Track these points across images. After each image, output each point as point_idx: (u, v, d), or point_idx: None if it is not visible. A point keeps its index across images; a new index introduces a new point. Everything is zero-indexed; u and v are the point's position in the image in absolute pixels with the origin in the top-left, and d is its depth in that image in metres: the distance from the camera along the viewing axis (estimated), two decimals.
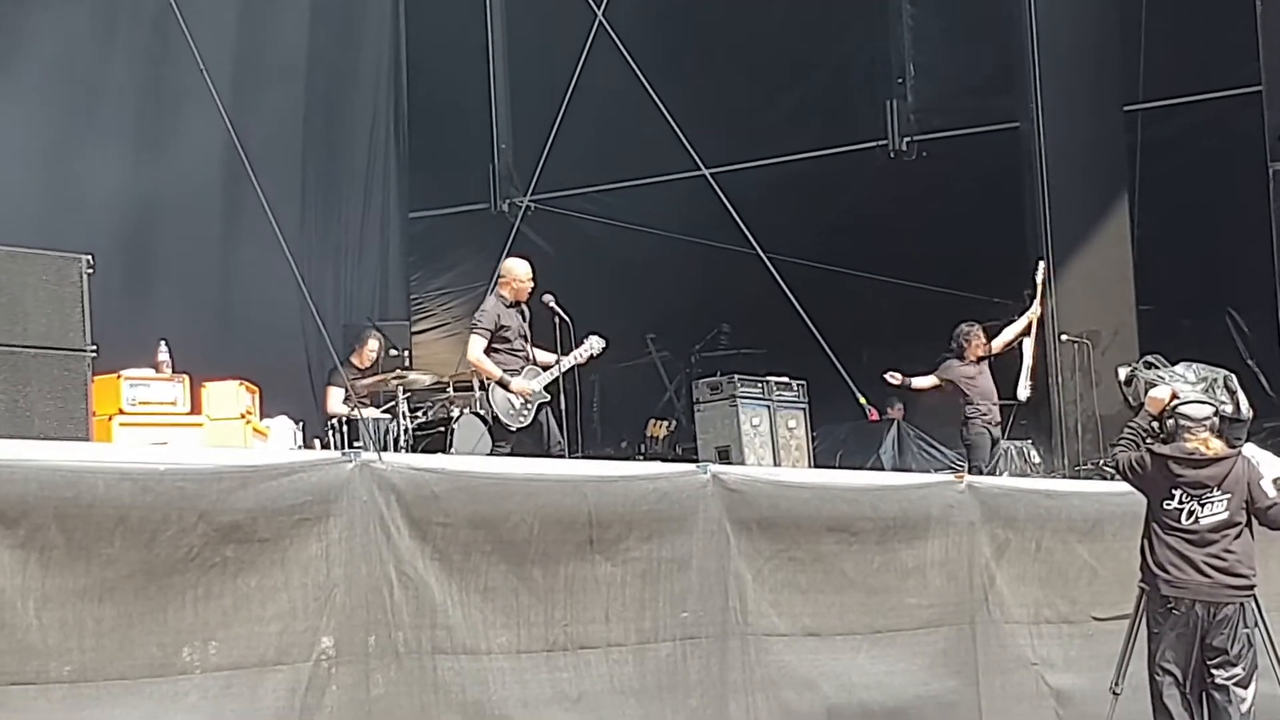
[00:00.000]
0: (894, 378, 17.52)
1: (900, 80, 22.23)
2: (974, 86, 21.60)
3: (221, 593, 7.84)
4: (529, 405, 14.79)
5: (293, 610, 8.11)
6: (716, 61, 23.02)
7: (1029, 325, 17.79)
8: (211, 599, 7.80)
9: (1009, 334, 17.71)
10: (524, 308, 15.06)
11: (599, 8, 22.61)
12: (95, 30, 19.37)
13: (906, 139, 22.13)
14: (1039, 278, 18.07)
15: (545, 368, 14.95)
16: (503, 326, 14.82)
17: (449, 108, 24.24)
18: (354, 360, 17.68)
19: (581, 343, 15.18)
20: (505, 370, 14.76)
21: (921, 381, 17.54)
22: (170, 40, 16.87)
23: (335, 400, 16.95)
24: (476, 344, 14.77)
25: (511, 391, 14.71)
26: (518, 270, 15.12)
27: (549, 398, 14.95)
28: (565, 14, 23.14)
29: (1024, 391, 17.61)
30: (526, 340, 14.96)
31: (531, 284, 15.07)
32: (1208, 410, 10.30)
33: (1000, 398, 17.42)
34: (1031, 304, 18.01)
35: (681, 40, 23.10)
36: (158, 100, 19.49)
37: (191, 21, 15.55)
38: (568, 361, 15.03)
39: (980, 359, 17.39)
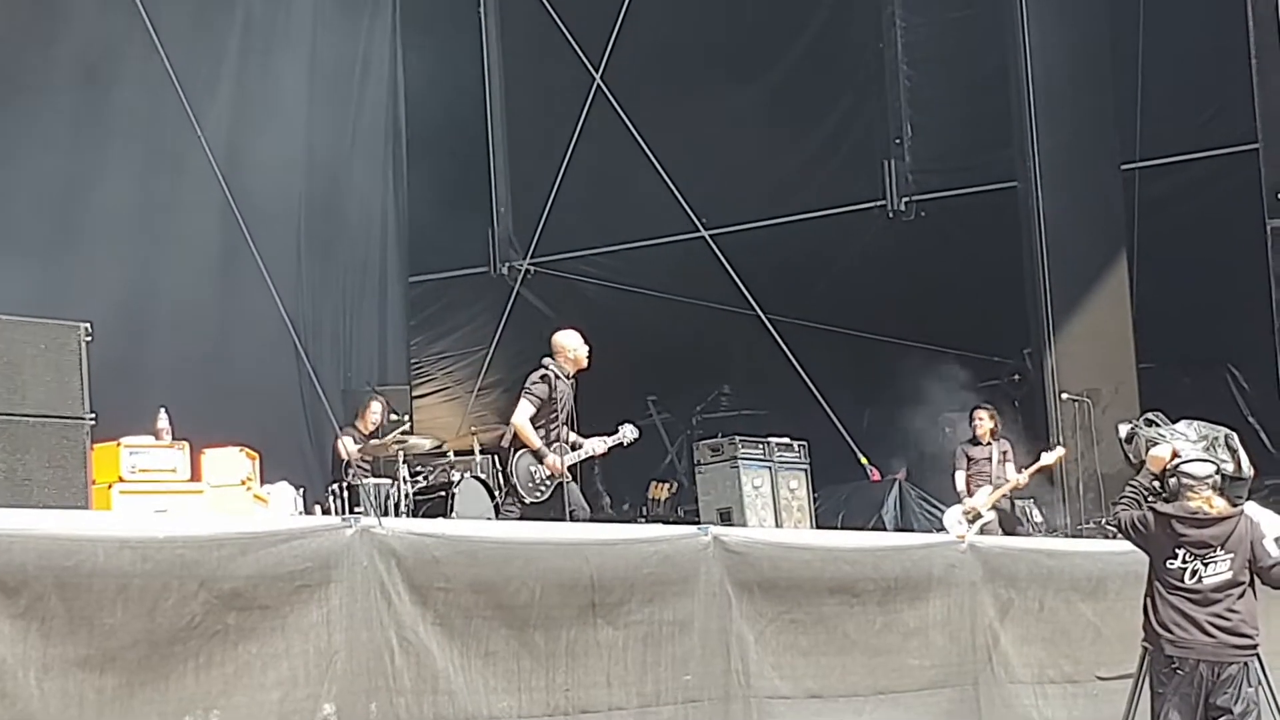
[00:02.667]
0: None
1: (898, 140, 22.23)
2: (971, 146, 21.60)
3: (223, 660, 7.82)
4: (548, 483, 14.46)
5: (294, 677, 8.08)
6: (714, 123, 23.03)
7: (1040, 467, 17.96)
8: (213, 667, 7.79)
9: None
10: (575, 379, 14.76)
11: (596, 70, 22.68)
12: (92, 92, 19.39)
13: (905, 199, 22.12)
14: (1050, 461, 18.06)
15: (574, 447, 14.62)
16: (552, 399, 14.47)
17: (448, 171, 24.24)
18: (358, 425, 17.82)
19: (616, 430, 14.90)
20: None
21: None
22: (167, 103, 16.90)
23: (346, 447, 16.98)
24: (525, 410, 14.43)
25: (544, 465, 14.39)
26: (566, 342, 14.81)
27: (569, 479, 14.61)
28: (563, 77, 23.22)
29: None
30: (570, 414, 14.65)
31: (586, 350, 14.77)
32: (1210, 469, 10.26)
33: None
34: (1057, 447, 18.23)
35: (679, 102, 23.11)
36: (155, 166, 19.50)
37: (189, 84, 15.58)
38: (599, 446, 14.77)
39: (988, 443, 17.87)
